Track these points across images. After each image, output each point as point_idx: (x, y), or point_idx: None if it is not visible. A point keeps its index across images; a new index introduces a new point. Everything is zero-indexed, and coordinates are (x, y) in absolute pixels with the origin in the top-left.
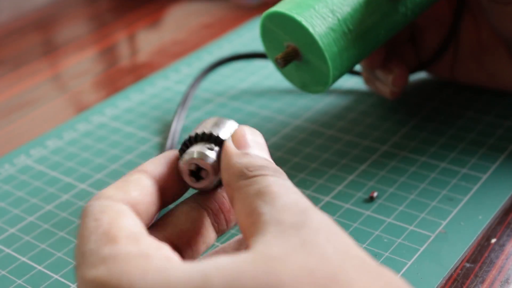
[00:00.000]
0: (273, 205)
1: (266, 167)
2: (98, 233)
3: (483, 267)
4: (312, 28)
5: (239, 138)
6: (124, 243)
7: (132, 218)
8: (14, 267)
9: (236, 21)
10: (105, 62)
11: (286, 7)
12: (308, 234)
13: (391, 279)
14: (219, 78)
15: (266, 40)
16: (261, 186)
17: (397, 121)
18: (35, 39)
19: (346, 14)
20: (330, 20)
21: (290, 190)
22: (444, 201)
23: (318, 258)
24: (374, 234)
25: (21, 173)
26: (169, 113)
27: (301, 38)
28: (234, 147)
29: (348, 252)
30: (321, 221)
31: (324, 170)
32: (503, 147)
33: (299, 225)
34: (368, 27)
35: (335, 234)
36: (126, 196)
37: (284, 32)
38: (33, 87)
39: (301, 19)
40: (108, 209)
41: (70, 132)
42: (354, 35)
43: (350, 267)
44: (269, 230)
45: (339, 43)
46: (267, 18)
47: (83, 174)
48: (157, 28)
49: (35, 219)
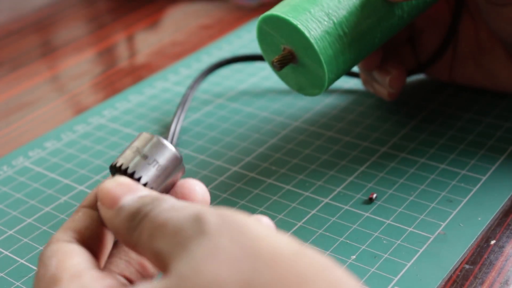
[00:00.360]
0: (165, 235)
1: (143, 205)
2: (45, 279)
3: (483, 268)
4: (307, 31)
5: (107, 197)
6: (66, 282)
7: (79, 256)
8: (13, 269)
9: (235, 22)
10: (104, 64)
11: (282, 10)
12: (211, 240)
13: (309, 262)
14: (218, 79)
15: (263, 43)
16: (148, 227)
17: (396, 123)
18: (34, 40)
19: (341, 18)
20: (326, 23)
21: (174, 209)
22: (443, 202)
23: (227, 264)
24: (373, 235)
25: (20, 175)
26: (168, 114)
27: (297, 42)
28: (108, 210)
29: (256, 247)
30: (219, 222)
31: (323, 171)
32: (502, 148)
33: (199, 234)
34: (364, 30)
35: (238, 231)
36: (74, 235)
37: (280, 35)
38: (31, 88)
39: (297, 22)
40: (56, 253)
41: (68, 133)
42: (349, 39)
43: (261, 267)
44: (174, 256)
45: (334, 46)
46: (264, 21)
47: (82, 175)
48: (156, 29)
49: (34, 221)
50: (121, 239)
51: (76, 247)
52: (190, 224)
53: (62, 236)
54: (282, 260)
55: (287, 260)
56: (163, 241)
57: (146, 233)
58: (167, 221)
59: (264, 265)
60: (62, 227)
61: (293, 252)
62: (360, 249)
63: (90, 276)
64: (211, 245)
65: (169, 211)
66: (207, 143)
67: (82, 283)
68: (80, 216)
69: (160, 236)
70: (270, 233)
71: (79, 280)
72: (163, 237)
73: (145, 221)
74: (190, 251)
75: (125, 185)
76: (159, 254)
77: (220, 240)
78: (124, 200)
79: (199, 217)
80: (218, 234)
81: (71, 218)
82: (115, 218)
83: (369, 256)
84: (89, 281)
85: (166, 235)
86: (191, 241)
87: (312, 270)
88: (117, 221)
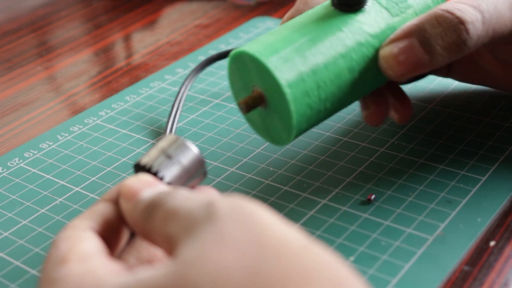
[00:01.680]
0: (177, 220)
1: (157, 197)
2: (53, 259)
3: (482, 270)
4: (285, 81)
5: (127, 191)
6: (73, 263)
7: (90, 242)
8: (8, 271)
9: (233, 22)
10: (100, 64)
11: (263, 51)
12: (219, 226)
13: (316, 258)
14: (217, 80)
15: (234, 76)
16: (161, 214)
17: (394, 123)
18: (30, 40)
19: (328, 93)
20: (302, 69)
21: (188, 197)
22: (442, 203)
23: (233, 251)
24: (371, 237)
25: (15, 176)
26: (164, 115)
27: (269, 86)
28: (127, 202)
29: (265, 237)
30: (229, 209)
31: (321, 172)
32: (502, 148)
33: (208, 219)
34: (345, 87)
35: (247, 219)
36: (91, 224)
37: (253, 75)
38: (27, 89)
39: (273, 68)
40: (69, 237)
41: (64, 134)
42: (329, 109)
43: (268, 256)
44: (182, 239)
45: (310, 110)
46: (239, 56)
47: (78, 176)
48: (153, 29)
49: (29, 223)
50: (137, 230)
51: (90, 235)
52: (201, 209)
53: (78, 223)
54: (289, 252)
55: (295, 253)
56: (174, 225)
57: (159, 219)
58: (180, 207)
59: (270, 255)
60: (80, 215)
61: (301, 246)
62: (358, 250)
63: (97, 260)
64: (219, 231)
65: (183, 200)
66: (204, 144)
67: (89, 266)
68: (100, 207)
69: (172, 220)
70: (280, 224)
71: (87, 262)
72: (175, 222)
73: (160, 209)
74: (197, 235)
75: (145, 181)
76: (170, 238)
77: (228, 226)
78: (142, 193)
79: (210, 203)
80: (227, 220)
81: (90, 208)
82: (133, 209)
83: (367, 258)
84: (96, 264)
85: (177, 219)
86: (199, 225)
87: (318, 267)
88: (134, 212)
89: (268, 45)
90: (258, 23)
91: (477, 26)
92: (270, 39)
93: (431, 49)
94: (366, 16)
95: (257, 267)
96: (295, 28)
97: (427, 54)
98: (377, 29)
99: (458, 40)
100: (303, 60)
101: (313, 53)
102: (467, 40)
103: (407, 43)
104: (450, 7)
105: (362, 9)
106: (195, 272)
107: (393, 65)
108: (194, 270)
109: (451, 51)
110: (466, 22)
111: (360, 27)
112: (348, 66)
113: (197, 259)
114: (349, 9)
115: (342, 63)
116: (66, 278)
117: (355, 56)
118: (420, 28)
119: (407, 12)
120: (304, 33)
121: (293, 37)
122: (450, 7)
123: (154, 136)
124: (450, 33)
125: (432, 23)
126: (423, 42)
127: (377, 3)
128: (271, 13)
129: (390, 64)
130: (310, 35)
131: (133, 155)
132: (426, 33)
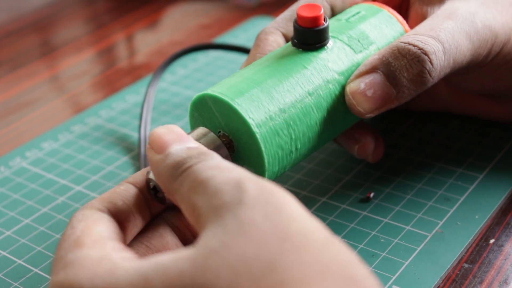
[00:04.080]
0: (205, 193)
1: (189, 157)
2: (69, 241)
3: (482, 267)
4: (257, 128)
5: (157, 142)
6: (89, 247)
7: (106, 225)
8: (10, 269)
9: (234, 21)
10: (103, 63)
11: (227, 93)
12: (245, 213)
13: (335, 254)
14: (215, 80)
15: (196, 125)
16: (190, 179)
17: (393, 121)
18: (33, 40)
19: (298, 132)
20: (275, 119)
21: (219, 168)
22: (440, 200)
23: (256, 243)
24: (371, 234)
25: (17, 176)
26: (164, 114)
27: (236, 130)
28: (155, 154)
29: (288, 228)
30: (258, 194)
31: (320, 170)
32: (499, 146)
33: (235, 204)
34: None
35: (273, 207)
36: (110, 205)
37: (217, 119)
38: (31, 88)
39: (243, 113)
40: (85, 218)
41: (65, 134)
42: (300, 150)
43: (288, 249)
44: (208, 221)
45: (281, 151)
46: (201, 100)
47: (79, 176)
48: (155, 29)
49: (31, 222)
50: (163, 185)
51: (106, 217)
52: (230, 189)
53: (96, 203)
54: (311, 246)
55: (316, 248)
56: (201, 199)
57: (187, 185)
58: (209, 179)
59: (292, 249)
60: (101, 196)
61: (323, 241)
62: (357, 248)
63: (112, 246)
64: (245, 218)
65: (213, 169)
66: None
67: (103, 251)
68: (122, 189)
69: (200, 192)
70: (305, 216)
71: (101, 247)
72: (202, 195)
73: (188, 172)
74: (224, 222)
75: (176, 133)
76: (196, 210)
77: (254, 214)
78: (172, 148)
79: (239, 183)
80: (254, 207)
81: (112, 189)
82: (161, 163)
83: (366, 255)
84: (110, 250)
85: (205, 193)
86: (226, 210)
87: (337, 264)
88: (162, 166)
89: (232, 86)
90: (258, 23)
91: (439, 57)
92: (233, 81)
93: (397, 82)
94: (329, 54)
95: (277, 261)
96: (257, 69)
97: (393, 87)
98: (342, 66)
99: (423, 71)
100: (269, 99)
101: (279, 92)
102: (432, 71)
103: (373, 78)
104: (411, 40)
105: (324, 48)
106: (217, 260)
107: (361, 101)
108: (216, 258)
109: (417, 83)
110: (429, 53)
111: (324, 64)
112: (316, 103)
113: (220, 247)
114: (311, 47)
115: (309, 101)
116: (82, 262)
117: (322, 93)
118: (384, 62)
119: (370, 49)
120: (267, 73)
121: (256, 78)
122: (411, 40)
123: None
124: (414, 64)
125: (396, 56)
126: (389, 75)
127: (339, 41)
128: (271, 13)
129: (358, 100)
130: (273, 74)
131: (133, 155)
132: (391, 66)
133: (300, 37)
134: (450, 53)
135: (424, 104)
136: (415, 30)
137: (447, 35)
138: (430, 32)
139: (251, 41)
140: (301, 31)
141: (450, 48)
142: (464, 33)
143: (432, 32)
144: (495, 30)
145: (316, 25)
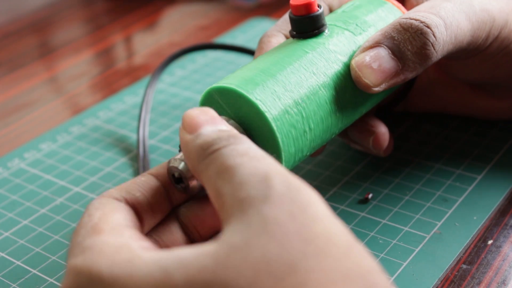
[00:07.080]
0: (231, 182)
1: (219, 139)
2: (87, 227)
3: (480, 268)
4: (271, 116)
5: (189, 123)
6: (107, 234)
7: (124, 214)
8: (9, 270)
9: (233, 22)
10: (101, 65)
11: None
12: (269, 210)
13: (357, 260)
14: (213, 81)
15: None
16: (218, 163)
17: (392, 123)
18: (32, 41)
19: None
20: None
21: (247, 155)
22: (439, 202)
23: (279, 243)
24: (369, 235)
25: (15, 177)
26: (162, 115)
27: (248, 117)
28: (187, 133)
29: (312, 230)
30: (284, 192)
31: (319, 171)
32: (497, 147)
33: (260, 200)
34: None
35: (299, 207)
36: (128, 195)
37: (232, 109)
38: (29, 89)
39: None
40: (103, 206)
41: (64, 135)
42: (314, 130)
43: (311, 252)
44: (232, 214)
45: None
46: (216, 91)
47: (77, 177)
48: (154, 30)
49: (30, 223)
50: (190, 164)
51: (123, 206)
52: (257, 182)
53: (114, 193)
54: (334, 251)
55: (338, 253)
56: (227, 187)
57: (214, 168)
58: (236, 167)
59: (314, 252)
60: (119, 185)
61: (346, 246)
62: None
63: (129, 234)
64: (269, 217)
65: (242, 155)
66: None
67: (122, 238)
68: (142, 180)
69: (226, 179)
70: (329, 216)
71: (120, 234)
72: (228, 183)
73: (217, 155)
74: (247, 218)
75: (209, 115)
76: (221, 196)
77: (279, 212)
78: (204, 129)
79: (267, 177)
80: (279, 205)
81: (131, 180)
82: (190, 142)
83: None
84: (128, 238)
85: (231, 182)
86: (252, 205)
87: (358, 270)
88: (191, 145)
89: (235, 76)
90: (257, 24)
91: (441, 31)
92: (236, 73)
93: (402, 55)
94: (328, 39)
95: (299, 263)
96: (258, 60)
97: (398, 61)
98: (343, 48)
99: (427, 43)
100: (274, 81)
101: (283, 75)
102: (435, 43)
103: (378, 51)
104: (413, 15)
105: (322, 34)
106: (239, 258)
107: (367, 73)
108: (238, 256)
109: (422, 56)
110: (431, 26)
111: (325, 47)
112: (322, 82)
113: (243, 245)
114: (309, 34)
115: (315, 80)
116: (100, 248)
117: (327, 72)
118: (387, 37)
119: (369, 31)
120: (269, 61)
121: (259, 66)
122: (413, 15)
123: (152, 136)
124: (418, 37)
125: (399, 31)
126: (393, 49)
127: (337, 27)
128: (269, 14)
129: (364, 72)
130: (275, 61)
131: (132, 155)
132: (395, 40)
133: (297, 26)
134: (451, 29)
135: (422, 104)
136: (415, 9)
137: (447, 13)
138: (430, 9)
139: (250, 42)
140: (296, 20)
141: (451, 25)
142: (463, 13)
143: (432, 9)
144: (493, 14)
145: (310, 12)
